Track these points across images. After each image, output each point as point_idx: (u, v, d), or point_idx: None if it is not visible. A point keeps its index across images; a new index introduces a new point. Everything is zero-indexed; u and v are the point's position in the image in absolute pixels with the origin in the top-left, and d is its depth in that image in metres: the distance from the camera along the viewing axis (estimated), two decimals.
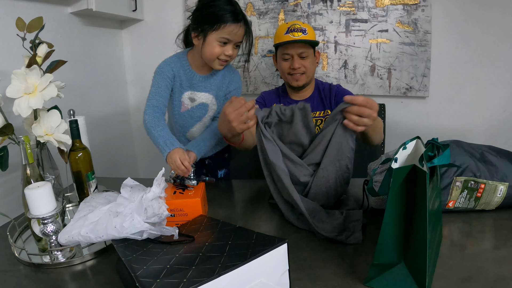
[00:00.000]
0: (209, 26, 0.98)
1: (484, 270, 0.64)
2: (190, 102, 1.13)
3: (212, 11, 0.98)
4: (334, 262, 0.70)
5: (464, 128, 1.71)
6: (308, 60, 1.24)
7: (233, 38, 1.00)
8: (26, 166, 0.79)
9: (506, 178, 0.81)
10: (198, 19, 1.01)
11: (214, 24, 0.97)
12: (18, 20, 0.84)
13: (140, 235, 0.69)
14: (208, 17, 0.98)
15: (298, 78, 1.25)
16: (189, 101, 1.13)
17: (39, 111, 0.86)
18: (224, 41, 1.00)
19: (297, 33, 1.22)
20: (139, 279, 0.53)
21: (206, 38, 1.00)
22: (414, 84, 1.70)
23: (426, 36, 1.63)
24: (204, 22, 0.99)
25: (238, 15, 0.99)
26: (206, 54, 1.02)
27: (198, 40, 1.03)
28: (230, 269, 0.53)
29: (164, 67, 1.08)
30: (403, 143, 0.71)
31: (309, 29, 1.25)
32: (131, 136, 2.10)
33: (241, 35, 1.01)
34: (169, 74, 1.07)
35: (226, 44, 1.01)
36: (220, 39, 0.99)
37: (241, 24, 1.00)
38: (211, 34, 0.99)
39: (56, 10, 1.47)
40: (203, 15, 1.00)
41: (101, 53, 1.80)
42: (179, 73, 1.09)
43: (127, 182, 0.73)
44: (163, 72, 1.07)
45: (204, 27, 0.99)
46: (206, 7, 1.00)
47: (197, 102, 1.13)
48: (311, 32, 1.25)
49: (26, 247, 0.82)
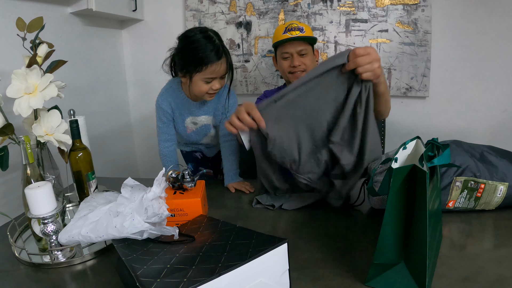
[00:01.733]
0: (193, 68, 1.02)
1: (484, 270, 0.64)
2: (194, 125, 1.21)
3: (194, 54, 1.01)
4: (334, 262, 0.70)
5: (464, 128, 1.71)
6: (307, 57, 1.26)
7: (217, 74, 1.04)
8: (26, 166, 0.79)
9: (506, 178, 0.81)
10: (182, 60, 1.05)
11: (197, 67, 1.02)
12: (19, 20, 0.84)
13: (141, 235, 0.69)
14: (191, 60, 1.02)
15: (299, 75, 1.26)
16: (192, 125, 1.20)
17: (40, 111, 0.86)
18: (209, 80, 1.05)
19: (295, 32, 1.24)
20: (139, 279, 0.53)
21: (192, 79, 1.05)
22: (414, 84, 1.70)
23: (426, 36, 1.63)
24: (187, 64, 1.03)
25: (218, 52, 1.02)
26: (195, 92, 1.08)
27: (185, 79, 1.08)
28: (230, 269, 0.53)
29: (162, 102, 1.14)
30: (403, 143, 0.71)
31: (306, 27, 1.27)
32: (131, 136, 2.10)
33: (224, 68, 1.05)
34: (167, 109, 1.14)
35: (211, 81, 1.05)
36: (205, 79, 1.04)
37: (222, 60, 1.03)
38: (196, 75, 1.04)
39: (56, 10, 1.47)
40: (186, 57, 1.03)
41: (101, 53, 1.80)
42: (176, 104, 1.15)
43: (128, 182, 0.73)
44: (162, 108, 1.14)
45: (188, 69, 1.03)
46: (188, 49, 1.03)
47: (200, 124, 1.20)
48: (308, 30, 1.27)
49: (26, 247, 0.82)
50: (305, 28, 1.25)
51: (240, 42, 1.83)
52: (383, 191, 0.74)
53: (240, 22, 1.81)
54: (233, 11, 1.81)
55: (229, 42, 1.84)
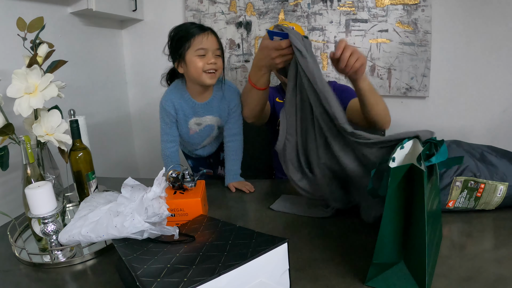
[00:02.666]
0: (182, 47, 1.04)
1: (484, 270, 0.64)
2: (197, 126, 1.18)
3: (180, 35, 1.05)
4: (334, 262, 0.70)
5: (464, 128, 1.71)
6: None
7: (207, 45, 1.04)
8: (26, 165, 0.79)
9: (506, 178, 0.81)
10: (173, 50, 1.08)
11: (185, 43, 1.04)
12: (19, 20, 0.84)
13: (141, 235, 0.69)
14: (179, 42, 1.05)
15: None
16: (196, 126, 1.18)
17: (40, 111, 0.86)
18: (201, 53, 1.04)
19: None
20: (139, 279, 0.53)
21: (186, 61, 1.05)
22: (414, 84, 1.70)
23: (426, 36, 1.63)
24: (178, 48, 1.06)
25: (202, 27, 1.06)
26: (193, 73, 1.06)
27: (182, 68, 1.08)
28: (230, 269, 0.53)
29: (166, 104, 1.13)
30: (401, 142, 0.71)
31: (297, 27, 1.26)
32: (131, 136, 2.10)
33: (213, 41, 1.05)
34: (171, 110, 1.13)
35: (204, 55, 1.04)
36: (196, 52, 1.03)
37: (209, 32, 1.05)
38: (187, 54, 1.04)
39: (56, 10, 1.47)
40: (175, 43, 1.07)
41: (101, 53, 1.80)
42: (181, 105, 1.13)
43: (128, 182, 0.73)
44: (165, 109, 1.13)
45: (179, 52, 1.05)
46: (174, 37, 1.07)
47: (203, 125, 1.18)
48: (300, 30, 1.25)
49: (27, 246, 0.82)
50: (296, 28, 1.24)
51: (240, 42, 1.83)
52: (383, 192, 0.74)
53: (240, 22, 1.81)
54: (233, 11, 1.81)
55: (229, 42, 1.84)
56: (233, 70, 1.87)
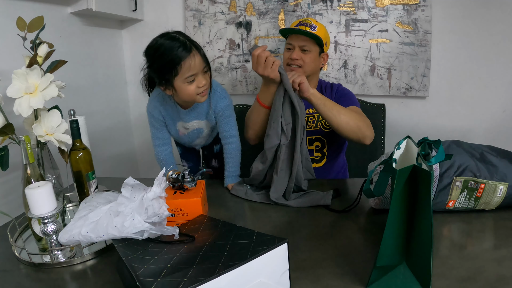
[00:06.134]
0: (169, 74, 0.96)
1: (484, 270, 0.64)
2: (185, 130, 1.18)
3: (163, 59, 0.95)
4: (334, 262, 0.70)
5: (464, 128, 1.71)
6: (308, 55, 1.25)
7: (196, 70, 0.96)
8: (26, 165, 0.79)
9: (506, 178, 0.81)
10: (156, 72, 0.99)
11: (172, 70, 0.95)
12: (19, 20, 0.84)
13: (141, 235, 0.69)
14: (163, 68, 0.95)
15: (294, 70, 1.24)
16: (184, 129, 1.18)
17: (40, 111, 0.86)
18: (191, 79, 0.97)
19: (305, 27, 1.24)
20: (139, 279, 0.53)
21: (174, 87, 0.98)
22: (414, 84, 1.70)
23: (426, 36, 1.63)
24: (163, 73, 0.97)
25: (186, 46, 0.94)
26: (185, 98, 1.01)
27: (169, 91, 1.01)
28: (230, 269, 0.53)
29: (153, 110, 1.12)
30: (397, 143, 0.72)
31: (320, 28, 1.26)
32: (131, 136, 2.10)
33: (200, 61, 0.97)
34: (158, 116, 1.13)
35: (194, 80, 0.98)
36: (186, 79, 0.96)
37: (194, 53, 0.95)
38: (176, 81, 0.97)
39: (56, 10, 1.47)
40: (158, 67, 0.97)
41: (101, 53, 1.80)
42: (166, 111, 1.13)
43: (128, 182, 0.73)
44: (153, 115, 1.13)
45: (165, 77, 0.97)
46: (156, 58, 0.96)
47: (191, 129, 1.18)
48: (321, 31, 1.25)
49: (27, 246, 0.82)
50: (318, 28, 1.25)
51: (240, 42, 1.83)
52: (379, 192, 0.74)
53: (240, 22, 1.81)
54: (233, 11, 1.81)
55: (229, 42, 1.84)
56: (233, 70, 1.87)
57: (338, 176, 1.37)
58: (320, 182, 1.15)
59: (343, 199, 1.00)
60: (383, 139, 1.59)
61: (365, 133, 1.10)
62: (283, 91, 1.01)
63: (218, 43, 1.85)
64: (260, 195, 1.04)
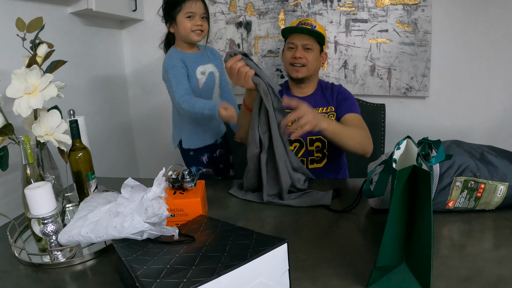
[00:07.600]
0: (174, 10, 1.21)
1: (484, 270, 0.64)
2: (203, 76, 1.31)
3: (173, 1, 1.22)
4: (334, 262, 0.70)
5: (464, 128, 1.71)
6: (311, 54, 1.26)
7: (195, 10, 1.21)
8: (26, 166, 0.79)
9: (506, 178, 0.81)
10: (166, 12, 1.25)
11: (177, 7, 1.21)
12: (18, 20, 0.84)
13: (140, 235, 0.69)
14: (171, 6, 1.22)
15: (298, 69, 1.26)
16: (202, 75, 1.30)
17: (39, 111, 0.86)
18: (190, 15, 1.21)
19: (306, 26, 1.25)
20: (139, 279, 0.53)
21: (176, 22, 1.22)
22: (414, 84, 1.70)
23: (426, 36, 1.63)
24: (170, 11, 1.23)
25: None
26: (182, 33, 1.23)
27: (173, 28, 1.26)
28: (230, 269, 0.53)
29: (174, 60, 1.25)
30: (397, 143, 0.72)
31: (320, 27, 1.28)
32: (131, 136, 2.10)
33: (201, 7, 1.23)
34: (180, 64, 1.25)
35: (192, 18, 1.21)
36: (186, 15, 1.21)
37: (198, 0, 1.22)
38: (178, 16, 1.21)
39: (56, 10, 1.47)
40: (168, 6, 1.24)
41: (101, 53, 1.80)
42: (186, 57, 1.27)
43: (128, 182, 0.73)
44: (175, 65, 1.23)
45: (171, 14, 1.22)
46: (168, 2, 1.24)
47: (207, 74, 1.31)
48: (321, 30, 1.27)
49: (26, 247, 0.82)
50: (318, 28, 1.27)
51: (240, 42, 1.83)
52: (379, 192, 0.74)
53: (240, 22, 1.81)
54: (233, 11, 1.81)
55: (229, 42, 1.84)
56: None
57: (338, 176, 1.37)
58: (320, 182, 1.15)
59: (343, 199, 1.00)
60: (383, 139, 1.59)
61: (366, 149, 1.17)
62: (259, 100, 1.00)
63: (218, 43, 1.85)
64: (259, 195, 1.04)
